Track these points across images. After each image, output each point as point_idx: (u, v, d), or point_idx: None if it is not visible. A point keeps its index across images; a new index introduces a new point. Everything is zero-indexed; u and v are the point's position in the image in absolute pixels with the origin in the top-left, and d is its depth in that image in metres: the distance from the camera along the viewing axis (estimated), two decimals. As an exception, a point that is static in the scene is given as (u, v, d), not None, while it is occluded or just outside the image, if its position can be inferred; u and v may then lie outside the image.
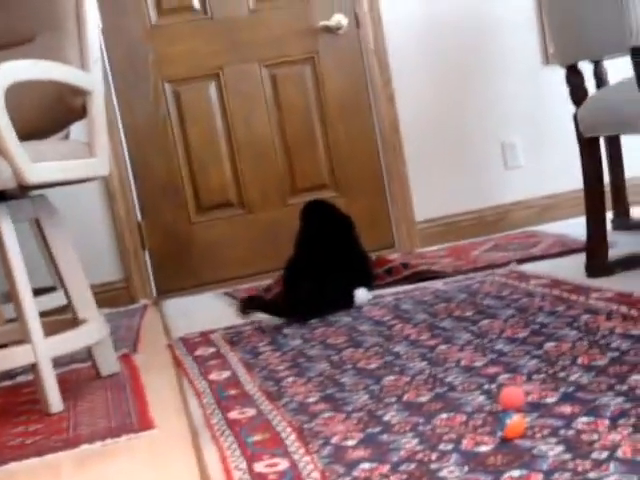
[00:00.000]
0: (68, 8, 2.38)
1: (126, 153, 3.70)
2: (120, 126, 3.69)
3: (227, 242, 3.80)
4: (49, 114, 2.36)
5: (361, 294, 2.80)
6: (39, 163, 2.12)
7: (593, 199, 2.69)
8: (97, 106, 2.33)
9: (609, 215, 2.90)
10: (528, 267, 2.96)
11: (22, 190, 2.19)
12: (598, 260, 2.66)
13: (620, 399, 1.53)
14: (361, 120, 3.90)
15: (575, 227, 3.27)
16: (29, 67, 2.18)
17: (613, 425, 1.41)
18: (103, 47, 3.60)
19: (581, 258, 2.74)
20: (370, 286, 2.91)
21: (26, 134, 2.13)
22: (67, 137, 2.77)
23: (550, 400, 1.59)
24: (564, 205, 3.94)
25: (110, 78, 3.63)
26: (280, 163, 3.84)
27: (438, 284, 2.92)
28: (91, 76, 2.34)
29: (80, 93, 2.31)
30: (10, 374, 2.56)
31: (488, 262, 3.17)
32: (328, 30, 3.82)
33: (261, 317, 2.81)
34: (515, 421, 1.43)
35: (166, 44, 3.73)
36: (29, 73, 2.18)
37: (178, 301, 3.56)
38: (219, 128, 3.80)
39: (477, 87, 3.93)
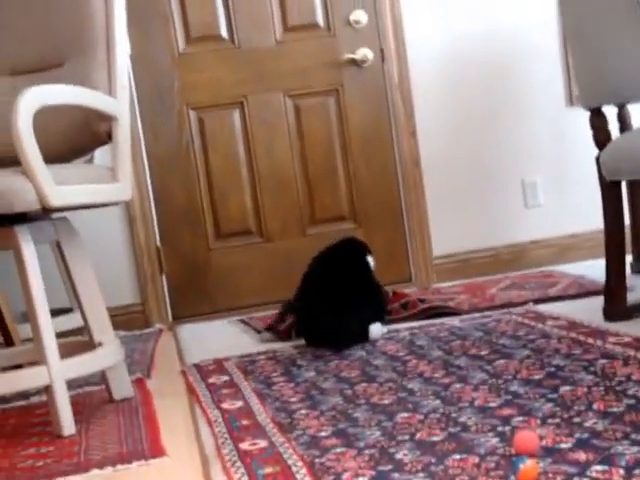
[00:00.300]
0: (98, 34, 2.41)
1: (148, 178, 3.73)
2: (144, 151, 3.72)
3: (244, 270, 3.81)
4: (75, 138, 2.38)
5: (375, 328, 2.80)
6: (63, 186, 2.14)
7: (613, 242, 2.68)
8: (122, 132, 2.35)
9: (628, 258, 2.89)
10: (545, 307, 2.95)
11: (45, 212, 2.21)
12: (616, 304, 2.65)
13: (635, 448, 1.51)
14: (382, 154, 3.91)
15: (593, 269, 3.26)
16: (57, 92, 2.21)
17: (628, 475, 1.40)
18: (130, 73, 3.64)
19: (599, 301, 2.72)
20: (383, 320, 2.91)
21: (51, 157, 2.15)
22: (91, 161, 2.80)
23: (564, 446, 1.58)
24: (583, 246, 3.92)
25: (136, 104, 3.67)
26: (300, 193, 3.86)
27: (454, 321, 2.91)
28: (118, 102, 2.36)
29: (106, 119, 2.34)
30: (24, 394, 2.56)
31: (504, 300, 3.16)
32: (353, 63, 3.85)
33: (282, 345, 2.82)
34: (528, 466, 1.42)
35: (192, 72, 3.77)
36: (57, 98, 2.21)
37: (193, 326, 3.57)
38: (241, 156, 3.82)
39: (500, 125, 3.94)
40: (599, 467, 1.45)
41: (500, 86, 3.93)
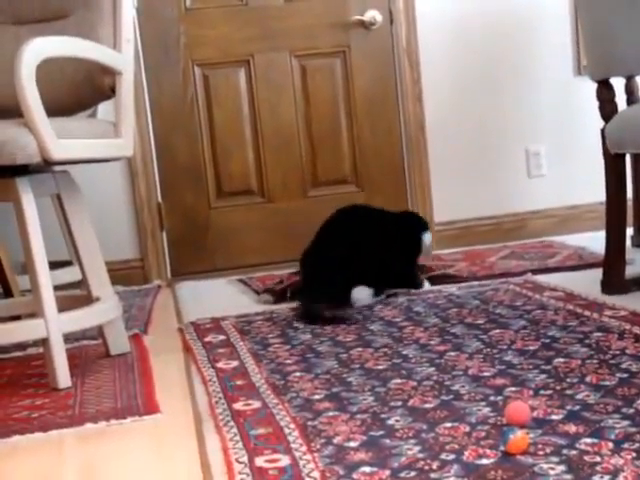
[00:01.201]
0: (104, -14, 2.39)
1: (151, 134, 3.71)
2: (147, 107, 3.70)
3: (245, 229, 3.81)
4: (78, 92, 2.37)
5: (360, 292, 2.77)
6: (65, 140, 2.13)
7: (614, 215, 2.68)
8: (126, 87, 2.34)
9: (629, 231, 2.88)
10: (543, 278, 2.95)
11: (46, 165, 2.20)
12: (614, 277, 2.65)
13: (626, 422, 1.53)
14: (387, 117, 3.89)
15: (594, 241, 3.25)
16: (61, 44, 2.19)
17: (617, 448, 1.41)
18: (136, 27, 3.60)
19: (597, 273, 2.72)
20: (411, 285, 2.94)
21: (53, 110, 2.14)
22: (94, 115, 2.78)
23: (555, 417, 1.59)
24: (584, 217, 3.92)
25: (141, 58, 3.64)
26: (303, 154, 3.84)
27: (452, 288, 2.91)
28: (122, 56, 2.34)
29: (110, 73, 2.32)
30: (21, 345, 2.58)
31: (504, 270, 3.16)
32: (361, 25, 3.81)
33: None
34: (518, 437, 1.43)
35: (199, 27, 3.73)
36: (61, 50, 2.19)
37: (192, 284, 3.58)
38: (245, 115, 3.80)
39: (506, 92, 3.91)
40: (589, 440, 1.46)
41: (509, 53, 3.89)
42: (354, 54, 3.83)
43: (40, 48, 2.08)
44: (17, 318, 2.57)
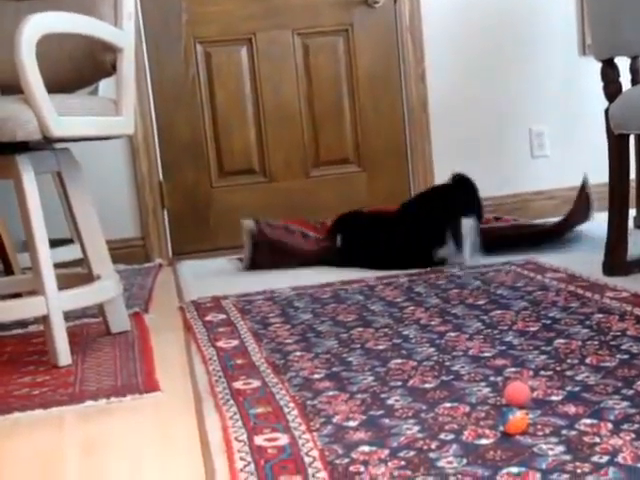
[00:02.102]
0: (105, -39, 2.37)
1: (153, 111, 3.70)
2: (149, 84, 3.68)
3: (246, 208, 3.79)
4: (78, 69, 2.35)
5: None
6: (65, 117, 2.12)
7: (617, 196, 2.66)
8: (127, 64, 2.32)
9: (632, 212, 2.87)
10: (545, 259, 2.94)
11: (46, 142, 2.19)
12: (616, 258, 2.64)
13: (625, 403, 1.52)
14: (390, 96, 3.87)
15: (596, 222, 3.24)
16: (62, 20, 2.17)
17: (616, 429, 1.41)
18: (138, 4, 3.58)
19: (599, 254, 2.71)
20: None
21: (54, 87, 2.13)
22: (95, 93, 2.77)
23: (555, 398, 1.59)
24: (587, 199, 3.90)
25: (142, 35, 3.62)
26: (305, 134, 3.83)
27: (454, 269, 2.91)
28: (123, 33, 2.33)
29: (111, 50, 2.31)
30: (22, 322, 2.58)
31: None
32: (364, 3, 3.78)
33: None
34: (518, 417, 1.43)
35: (200, 4, 3.70)
36: (61, 26, 2.17)
37: (193, 263, 3.57)
38: (247, 93, 3.79)
39: (510, 72, 3.89)
40: (588, 420, 1.46)
41: (513, 32, 3.87)
42: (357, 32, 3.81)
43: (40, 24, 2.07)
44: (18, 296, 2.57)
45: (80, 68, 2.36)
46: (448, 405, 1.60)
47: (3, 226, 2.85)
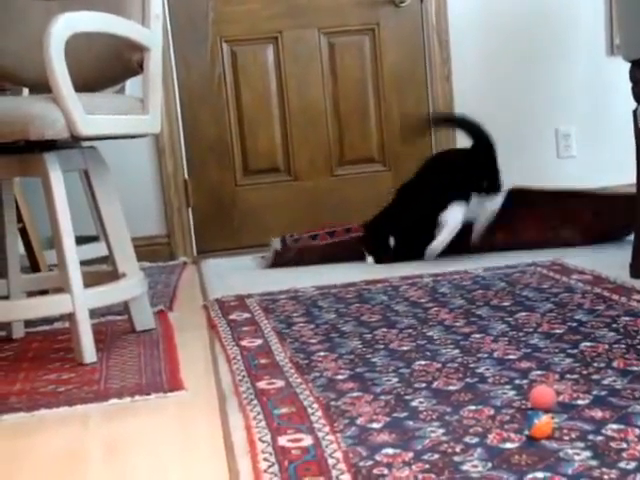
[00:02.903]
0: (133, -39, 2.38)
1: (179, 110, 3.71)
2: (175, 83, 3.69)
3: (270, 207, 3.80)
4: (106, 68, 2.36)
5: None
6: (93, 115, 2.13)
7: (645, 199, 2.64)
8: (154, 63, 2.33)
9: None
10: (571, 260, 2.92)
11: (74, 141, 2.20)
12: (644, 261, 2.62)
13: (653, 409, 1.51)
14: (416, 96, 3.86)
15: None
16: (90, 19, 2.18)
17: (643, 435, 1.40)
18: (165, 3, 3.59)
19: (627, 256, 2.69)
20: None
21: (82, 86, 2.14)
22: (122, 91, 2.78)
23: (581, 402, 1.57)
24: (614, 200, 3.86)
25: (169, 35, 3.63)
26: (330, 133, 3.83)
27: (479, 270, 2.89)
28: (151, 32, 2.33)
29: (138, 49, 2.31)
30: (48, 320, 2.60)
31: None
32: (391, 2, 3.77)
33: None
34: (543, 421, 1.42)
35: (227, 4, 3.71)
36: (90, 25, 2.18)
37: (217, 261, 3.58)
38: (273, 92, 3.79)
39: (537, 72, 3.87)
40: (615, 426, 1.45)
41: (540, 32, 3.84)
42: (383, 32, 3.80)
43: (70, 23, 2.08)
44: (44, 293, 2.59)
45: (107, 67, 2.37)
46: (473, 408, 1.59)
47: (30, 223, 2.87)
